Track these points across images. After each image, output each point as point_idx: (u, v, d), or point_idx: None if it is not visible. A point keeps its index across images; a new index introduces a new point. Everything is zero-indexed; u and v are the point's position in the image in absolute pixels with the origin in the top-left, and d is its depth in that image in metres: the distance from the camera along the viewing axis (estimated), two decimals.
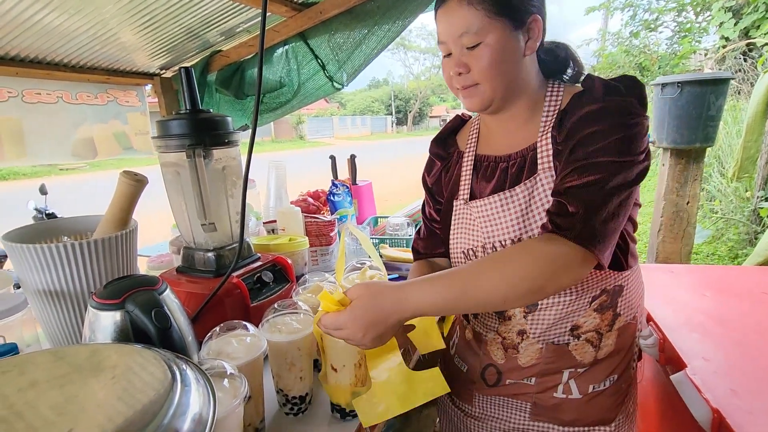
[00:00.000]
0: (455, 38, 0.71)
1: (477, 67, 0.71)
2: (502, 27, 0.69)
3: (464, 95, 0.75)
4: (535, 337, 0.79)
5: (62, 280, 0.81)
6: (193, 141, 0.81)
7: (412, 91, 39.18)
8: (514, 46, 0.71)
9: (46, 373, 0.45)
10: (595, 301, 0.76)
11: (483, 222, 0.78)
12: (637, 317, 0.84)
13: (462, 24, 0.69)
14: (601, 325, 0.78)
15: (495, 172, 0.79)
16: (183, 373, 0.48)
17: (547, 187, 0.71)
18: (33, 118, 1.76)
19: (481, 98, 0.74)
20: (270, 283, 0.93)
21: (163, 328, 0.61)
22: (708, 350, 0.91)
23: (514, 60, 0.72)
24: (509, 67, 0.72)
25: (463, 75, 0.73)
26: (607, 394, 0.81)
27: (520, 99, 0.76)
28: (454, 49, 0.72)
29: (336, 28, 1.75)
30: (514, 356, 0.82)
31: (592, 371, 0.80)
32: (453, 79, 0.75)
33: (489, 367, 0.87)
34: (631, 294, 0.80)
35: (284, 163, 1.52)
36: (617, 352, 0.80)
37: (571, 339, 0.78)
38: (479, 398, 0.90)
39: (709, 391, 0.79)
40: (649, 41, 6.83)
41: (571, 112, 0.71)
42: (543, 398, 0.82)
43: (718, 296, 1.17)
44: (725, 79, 2.40)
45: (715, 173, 4.08)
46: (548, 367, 0.80)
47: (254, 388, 0.65)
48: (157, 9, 1.47)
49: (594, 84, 0.71)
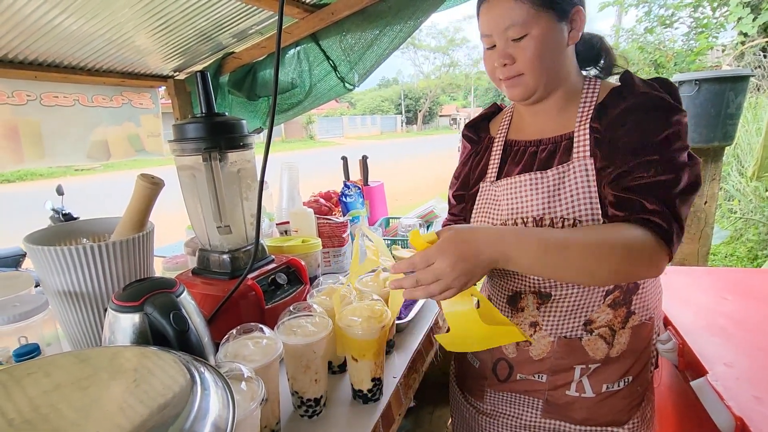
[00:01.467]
0: (501, 31, 0.73)
1: (522, 58, 0.73)
2: (547, 19, 0.71)
3: (507, 86, 0.77)
4: (548, 329, 0.80)
5: (81, 282, 0.82)
6: (209, 144, 0.81)
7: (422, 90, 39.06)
8: (558, 38, 0.73)
9: (69, 375, 0.46)
10: (609, 296, 0.77)
11: (508, 199, 0.79)
12: (654, 320, 0.83)
13: (508, 17, 0.71)
14: (614, 321, 0.78)
15: (524, 155, 0.82)
16: (202, 376, 0.48)
17: (578, 175, 0.73)
18: (51, 121, 1.80)
19: (524, 88, 0.76)
20: (284, 285, 0.94)
21: (181, 330, 0.61)
22: (730, 355, 0.89)
23: (557, 51, 0.74)
24: (553, 58, 0.74)
25: (508, 66, 0.75)
26: (621, 396, 0.80)
27: (560, 89, 0.78)
28: (499, 41, 0.74)
29: (348, 29, 1.75)
30: (526, 348, 0.83)
31: (604, 369, 0.79)
32: (497, 71, 0.77)
33: (500, 361, 0.87)
34: (647, 294, 0.80)
35: (297, 165, 1.53)
36: (631, 352, 0.79)
37: (584, 333, 0.78)
38: (491, 394, 0.90)
39: (732, 398, 0.77)
40: (665, 37, 6.69)
41: (612, 105, 0.73)
42: (555, 396, 0.82)
43: (738, 300, 1.14)
44: (745, 76, 2.34)
45: (734, 172, 3.98)
46: (559, 362, 0.80)
47: (270, 391, 0.66)
48: (171, 12, 1.48)
49: (633, 80, 0.74)
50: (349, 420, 0.75)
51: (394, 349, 0.96)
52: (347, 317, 0.75)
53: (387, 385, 0.83)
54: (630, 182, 0.68)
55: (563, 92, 0.79)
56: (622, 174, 0.69)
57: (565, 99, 0.79)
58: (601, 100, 0.76)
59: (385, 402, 0.79)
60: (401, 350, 0.96)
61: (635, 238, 0.65)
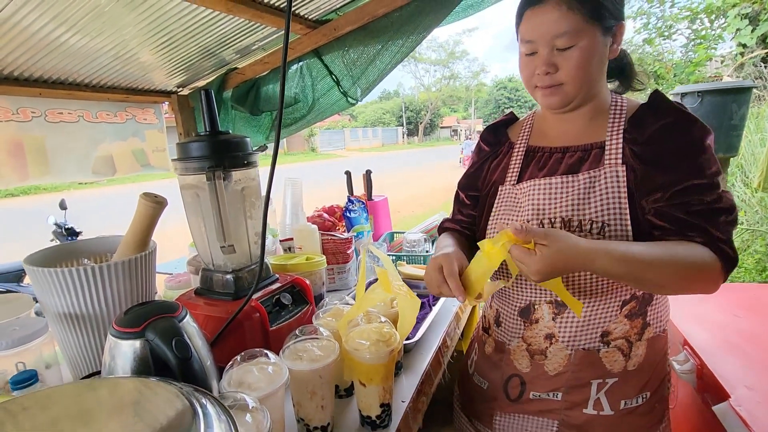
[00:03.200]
0: (548, 39, 0.73)
1: (566, 68, 0.73)
2: (594, 32, 0.72)
3: (545, 94, 0.78)
4: (564, 341, 0.79)
5: (82, 303, 0.80)
6: (213, 163, 0.80)
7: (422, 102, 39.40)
8: (602, 50, 0.74)
9: (67, 410, 0.44)
10: (626, 306, 0.78)
11: (533, 201, 0.80)
12: (667, 331, 0.84)
13: (558, 25, 0.71)
14: (630, 332, 0.78)
15: (548, 161, 0.83)
16: (205, 409, 0.46)
17: (609, 181, 0.75)
18: (55, 137, 1.80)
19: (563, 98, 0.77)
20: (289, 306, 0.92)
21: (184, 358, 0.59)
22: (751, 378, 0.86)
23: (599, 64, 0.76)
24: (595, 70, 0.75)
25: (551, 75, 0.75)
26: (640, 413, 0.79)
27: (593, 100, 0.80)
28: (543, 49, 0.74)
29: (350, 44, 1.76)
30: (541, 363, 0.82)
31: (622, 384, 0.78)
32: (536, 78, 0.77)
33: (512, 378, 0.85)
34: (660, 305, 0.81)
35: (300, 180, 1.52)
36: (647, 365, 0.79)
37: (602, 346, 0.78)
38: (501, 418, 0.87)
39: (756, 425, 0.74)
40: (663, 49, 6.74)
41: (648, 120, 0.75)
42: (572, 415, 0.80)
43: (754, 317, 1.11)
44: (747, 87, 2.34)
45: (739, 183, 3.96)
46: (576, 377, 0.79)
47: (276, 419, 0.63)
48: (175, 29, 1.49)
49: (665, 98, 0.77)
50: (364, 430, 0.73)
51: (402, 371, 0.94)
52: (354, 340, 0.73)
53: (396, 409, 0.80)
54: (693, 205, 0.71)
55: (595, 104, 0.80)
56: (677, 193, 0.71)
57: (594, 110, 0.81)
58: (632, 114, 0.78)
59: (395, 428, 0.76)
60: (409, 372, 0.93)
61: (706, 261, 0.69)
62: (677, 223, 0.71)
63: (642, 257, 0.67)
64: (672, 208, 0.71)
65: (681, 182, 0.71)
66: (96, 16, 1.31)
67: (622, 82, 0.87)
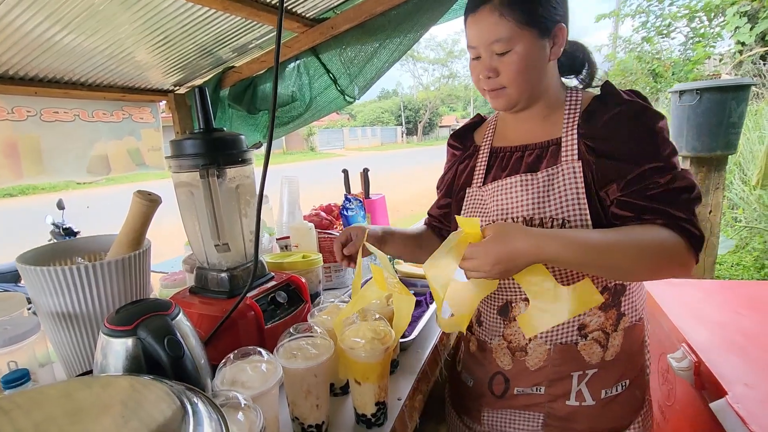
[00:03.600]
0: (486, 44, 0.75)
1: (506, 72, 0.76)
2: (530, 36, 0.74)
3: (491, 96, 0.81)
4: (543, 336, 0.81)
5: (75, 302, 0.79)
6: (207, 161, 0.80)
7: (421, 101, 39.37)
8: (541, 54, 0.76)
9: (57, 409, 0.44)
10: None
11: (497, 201, 0.82)
12: (644, 320, 0.85)
13: (493, 32, 0.74)
14: (606, 324, 0.80)
15: (510, 160, 0.85)
16: (195, 408, 0.46)
17: (567, 178, 0.76)
18: (51, 136, 1.79)
19: (507, 100, 0.80)
20: (284, 304, 0.91)
21: (176, 356, 0.59)
22: (749, 375, 0.86)
23: (539, 66, 0.77)
24: (535, 73, 0.77)
25: (492, 79, 0.78)
26: (621, 401, 0.81)
27: (542, 99, 0.82)
28: (484, 54, 0.77)
29: (347, 42, 1.75)
30: (522, 359, 0.83)
31: (601, 374, 0.80)
32: (481, 81, 0.80)
33: (496, 376, 0.87)
34: (634, 295, 0.82)
35: (297, 178, 1.51)
36: (625, 354, 0.81)
37: (579, 338, 0.80)
38: (488, 414, 0.89)
39: (755, 422, 0.73)
40: (662, 47, 6.74)
41: (598, 112, 0.77)
42: (556, 408, 0.82)
43: (754, 314, 1.11)
44: (746, 85, 2.34)
45: (737, 180, 3.96)
46: (556, 370, 0.81)
47: (269, 418, 0.63)
48: (171, 28, 1.48)
49: (614, 89, 0.78)
50: (359, 428, 0.73)
51: (399, 369, 0.93)
52: (350, 339, 0.72)
53: (391, 408, 0.79)
54: (650, 190, 0.71)
55: (546, 101, 0.82)
56: (632, 181, 0.72)
57: (548, 107, 0.82)
58: (585, 108, 0.79)
59: (390, 427, 0.75)
60: (405, 370, 0.93)
61: (670, 242, 0.69)
62: (637, 209, 0.71)
63: (597, 242, 0.67)
64: (630, 195, 0.72)
65: (635, 169, 0.72)
66: (91, 14, 1.30)
67: (582, 79, 0.88)
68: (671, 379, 1.13)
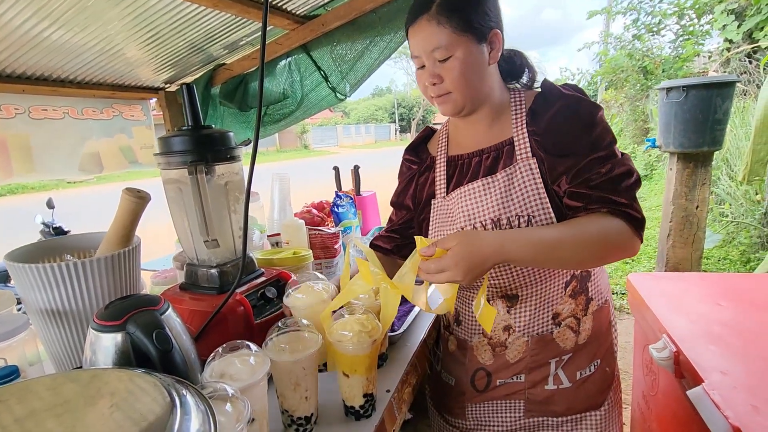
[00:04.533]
0: (428, 52, 0.79)
1: (449, 77, 0.79)
2: (467, 42, 0.77)
3: (438, 102, 0.84)
4: (521, 329, 0.85)
5: (65, 299, 0.80)
6: (195, 157, 0.80)
7: (415, 98, 39.33)
8: (480, 58, 0.80)
9: (43, 402, 0.44)
10: (568, 287, 0.84)
11: (463, 208, 0.85)
12: (609, 301, 0.91)
13: (433, 40, 0.77)
14: (576, 309, 0.85)
15: (470, 166, 0.88)
16: (183, 399, 0.46)
17: (525, 175, 0.80)
18: (40, 134, 1.77)
19: (453, 104, 0.83)
20: (274, 300, 0.92)
21: (165, 350, 0.60)
22: (726, 363, 0.88)
23: (480, 70, 0.81)
24: (477, 76, 0.80)
25: (437, 85, 0.81)
26: (594, 380, 0.86)
27: (487, 102, 0.85)
28: (427, 62, 0.80)
29: (338, 39, 1.75)
30: (502, 353, 0.87)
31: (576, 358, 0.85)
32: (428, 89, 0.83)
33: (478, 372, 0.91)
34: (598, 278, 0.88)
35: (288, 176, 1.52)
36: (595, 335, 0.86)
37: (554, 327, 0.85)
38: (472, 409, 0.93)
39: (729, 408, 0.76)
40: (652, 44, 6.80)
41: (542, 110, 0.81)
42: (535, 393, 0.87)
43: (734, 306, 1.14)
44: (731, 82, 2.38)
45: (724, 176, 4.02)
46: (535, 359, 0.85)
47: (258, 410, 0.64)
48: (161, 24, 1.48)
49: (553, 85, 0.83)
50: (348, 420, 0.75)
51: (387, 363, 0.95)
52: (337, 332, 0.74)
53: (380, 400, 0.81)
54: (592, 180, 0.75)
55: (492, 104, 0.85)
56: (577, 173, 0.76)
57: (494, 110, 0.86)
58: (530, 106, 0.83)
59: (379, 418, 0.77)
60: (394, 363, 0.94)
61: (615, 228, 0.74)
62: (583, 199, 0.76)
63: (549, 238, 0.72)
64: (577, 186, 0.76)
65: (580, 161, 0.76)
66: (79, 10, 1.29)
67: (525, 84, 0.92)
68: (654, 369, 1.16)
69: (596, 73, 7.44)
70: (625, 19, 7.42)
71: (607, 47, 7.96)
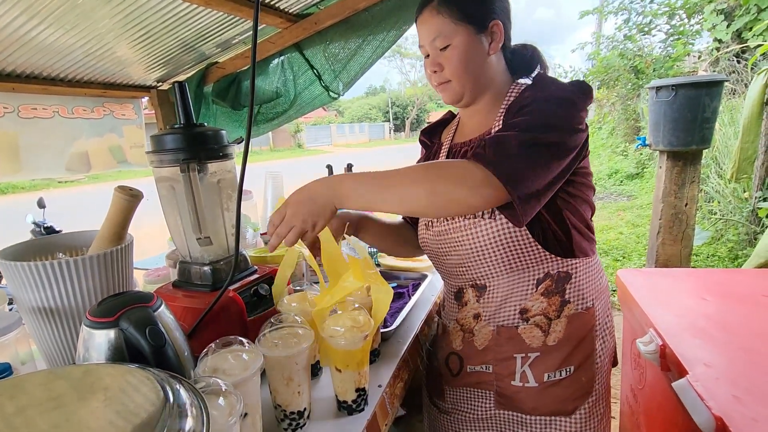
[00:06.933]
0: (429, 41, 0.83)
1: (448, 65, 0.82)
2: (465, 31, 0.80)
3: (440, 90, 0.88)
4: (487, 318, 0.87)
5: (57, 298, 0.80)
6: (187, 155, 0.81)
7: (409, 97, 39.36)
8: (478, 48, 0.82)
9: (37, 396, 0.45)
10: (541, 285, 0.83)
11: None
12: (594, 309, 0.85)
13: (434, 29, 0.82)
14: (548, 309, 0.83)
15: (459, 155, 0.90)
16: (176, 393, 0.47)
17: None
18: (29, 133, 1.76)
19: (452, 93, 0.86)
20: (267, 296, 0.93)
21: (158, 346, 0.60)
22: (710, 356, 0.91)
23: (479, 59, 0.83)
24: (475, 66, 0.83)
25: (438, 73, 0.84)
26: (564, 385, 0.84)
27: (486, 93, 0.87)
28: (431, 51, 0.84)
29: (331, 38, 1.76)
30: (470, 340, 0.90)
31: (544, 358, 0.84)
32: (431, 77, 0.87)
33: (451, 356, 0.95)
34: (582, 284, 0.84)
35: (281, 174, 1.52)
36: (568, 340, 0.84)
37: (520, 322, 0.85)
38: (450, 392, 0.97)
39: (712, 398, 0.78)
40: (643, 44, 6.87)
41: (518, 100, 0.81)
42: (503, 387, 0.88)
43: (719, 300, 1.16)
44: (719, 81, 2.41)
45: (713, 174, 4.09)
46: (500, 350, 0.86)
47: (251, 405, 0.64)
48: (152, 23, 1.47)
49: (543, 78, 0.83)
50: (341, 414, 0.76)
51: (380, 358, 0.96)
52: (330, 327, 0.75)
53: (372, 395, 0.82)
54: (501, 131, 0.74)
55: (490, 96, 0.87)
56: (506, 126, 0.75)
57: (492, 102, 0.87)
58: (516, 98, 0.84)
59: (371, 412, 0.78)
60: (386, 359, 0.96)
61: (452, 163, 0.72)
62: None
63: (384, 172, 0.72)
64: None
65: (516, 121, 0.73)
66: (70, 8, 1.28)
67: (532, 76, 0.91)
68: (642, 363, 1.18)
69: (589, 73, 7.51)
70: (617, 19, 7.49)
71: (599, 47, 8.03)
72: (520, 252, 0.81)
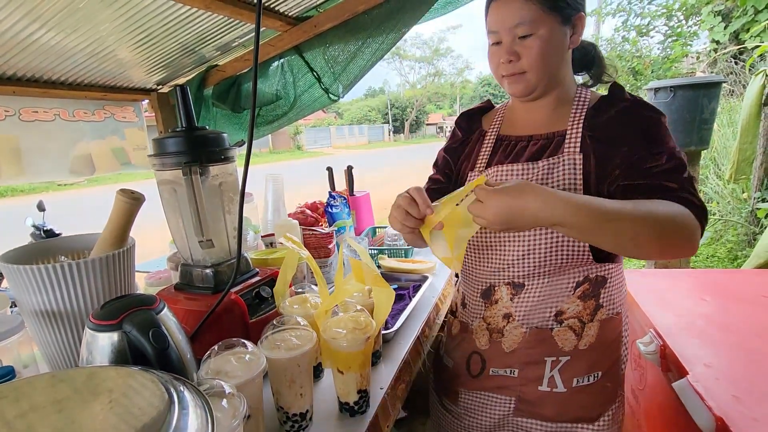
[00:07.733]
0: (509, 28, 0.77)
1: (527, 56, 0.77)
2: (552, 21, 0.76)
3: (509, 81, 0.82)
4: (520, 319, 0.83)
5: (59, 301, 0.80)
6: (189, 158, 0.81)
7: (408, 99, 39.43)
8: (562, 40, 0.78)
9: (43, 398, 0.45)
10: (579, 288, 0.81)
11: None
12: (621, 315, 0.86)
13: (517, 15, 0.75)
14: (583, 313, 0.82)
15: (514, 148, 0.86)
16: (180, 395, 0.47)
17: (566, 168, 0.78)
18: (30, 136, 1.76)
19: (525, 85, 0.80)
20: (268, 299, 0.93)
21: (161, 348, 0.60)
22: (710, 356, 0.91)
23: (559, 52, 0.79)
24: (555, 59, 0.79)
25: (513, 63, 0.79)
26: (591, 392, 0.83)
27: (557, 89, 0.84)
28: (506, 38, 0.78)
29: (330, 41, 1.77)
30: (498, 341, 0.86)
31: (573, 362, 0.82)
32: (500, 67, 0.81)
33: (473, 355, 0.91)
34: (614, 288, 0.83)
35: (281, 176, 1.53)
36: (599, 345, 0.82)
37: (555, 324, 0.82)
38: (464, 395, 0.93)
39: (712, 398, 0.78)
40: (641, 45, 6.90)
41: (604, 109, 0.80)
42: (527, 392, 0.85)
43: (718, 301, 1.17)
44: (717, 82, 2.43)
45: (712, 175, 4.10)
46: (529, 353, 0.83)
47: (254, 407, 0.65)
48: (153, 26, 1.48)
49: (622, 89, 0.82)
50: (343, 415, 0.76)
51: (381, 360, 0.96)
52: (331, 329, 0.75)
53: (374, 396, 0.82)
54: (650, 171, 0.73)
55: (558, 93, 0.84)
56: (634, 163, 0.74)
57: (558, 99, 0.84)
58: (593, 105, 0.82)
59: (372, 414, 0.78)
60: (388, 360, 0.96)
61: (680, 212, 0.69)
62: (638, 190, 0.73)
63: (608, 208, 0.66)
64: (633, 179, 0.74)
65: (637, 153, 0.74)
66: (70, 12, 1.29)
67: (592, 75, 0.91)
68: (642, 364, 1.19)
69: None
70: (615, 20, 7.51)
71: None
72: (568, 254, 0.79)
